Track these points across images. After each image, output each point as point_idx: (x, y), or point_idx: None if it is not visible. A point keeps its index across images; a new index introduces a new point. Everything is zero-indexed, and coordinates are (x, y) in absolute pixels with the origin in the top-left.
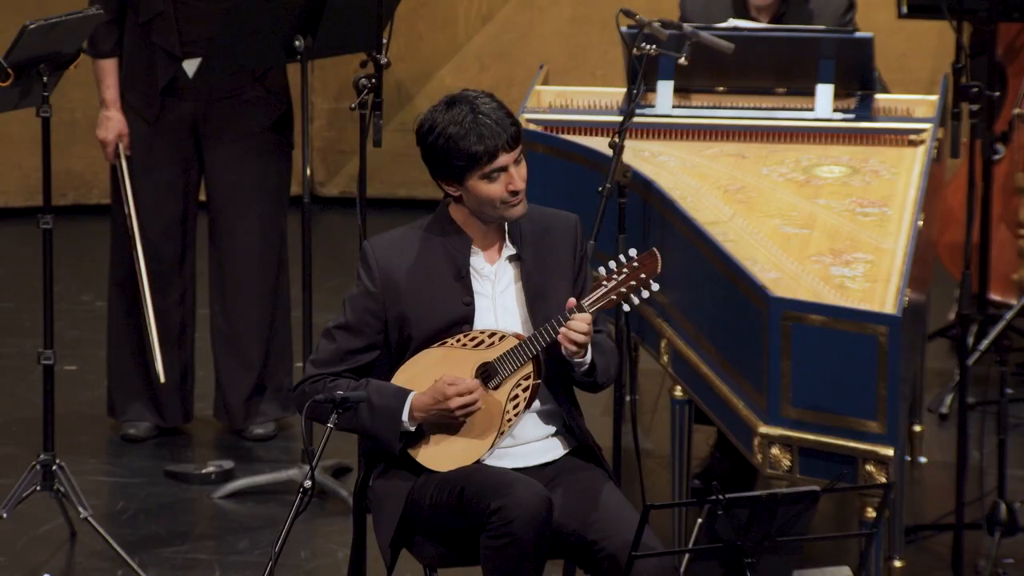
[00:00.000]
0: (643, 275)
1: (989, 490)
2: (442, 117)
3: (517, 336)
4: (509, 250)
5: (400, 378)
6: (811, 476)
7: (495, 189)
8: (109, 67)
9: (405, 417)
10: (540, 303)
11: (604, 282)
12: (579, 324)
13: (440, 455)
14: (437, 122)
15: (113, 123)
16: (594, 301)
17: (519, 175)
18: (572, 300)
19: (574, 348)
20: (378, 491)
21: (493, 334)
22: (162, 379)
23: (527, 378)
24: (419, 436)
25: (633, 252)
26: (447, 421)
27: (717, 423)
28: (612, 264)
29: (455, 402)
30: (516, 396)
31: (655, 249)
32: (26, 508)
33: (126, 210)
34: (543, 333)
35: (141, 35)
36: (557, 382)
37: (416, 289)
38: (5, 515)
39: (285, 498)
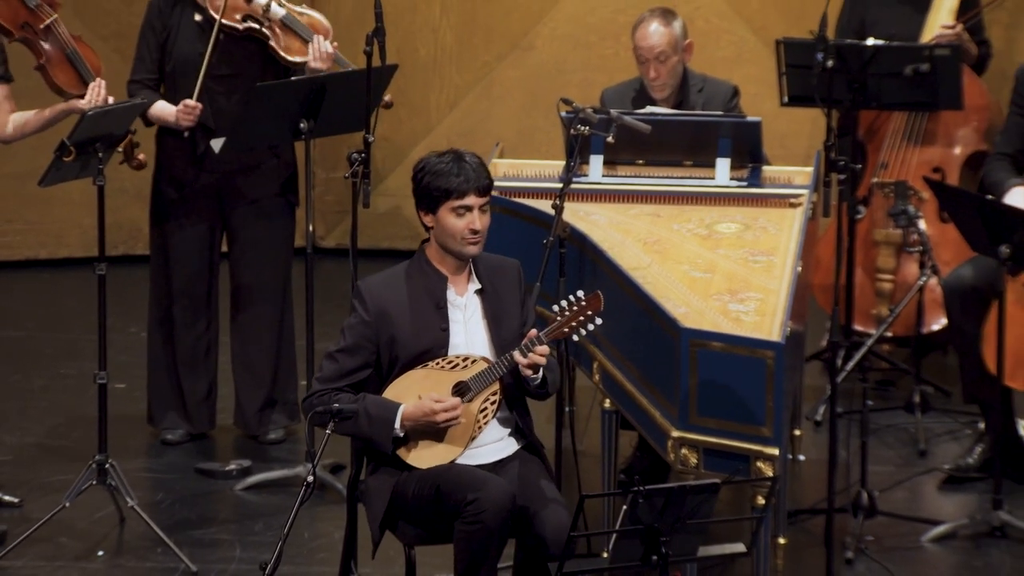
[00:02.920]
0: (589, 312)
1: (854, 482)
2: (433, 159)
3: (485, 360)
4: (475, 285)
5: (390, 392)
6: (713, 471)
7: (459, 224)
8: (160, 115)
9: (397, 425)
10: (498, 328)
11: (558, 317)
12: (537, 357)
13: (423, 455)
14: (429, 162)
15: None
16: (550, 332)
17: (481, 220)
18: (533, 331)
19: (532, 372)
20: (369, 484)
21: (466, 358)
22: None
23: (494, 394)
24: (405, 440)
25: (580, 293)
26: (431, 428)
27: (638, 429)
28: (564, 303)
29: (441, 416)
30: (485, 408)
31: (599, 292)
32: (84, 498)
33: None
34: (509, 358)
35: None
36: (512, 394)
37: (403, 318)
38: (68, 504)
39: (292, 490)
